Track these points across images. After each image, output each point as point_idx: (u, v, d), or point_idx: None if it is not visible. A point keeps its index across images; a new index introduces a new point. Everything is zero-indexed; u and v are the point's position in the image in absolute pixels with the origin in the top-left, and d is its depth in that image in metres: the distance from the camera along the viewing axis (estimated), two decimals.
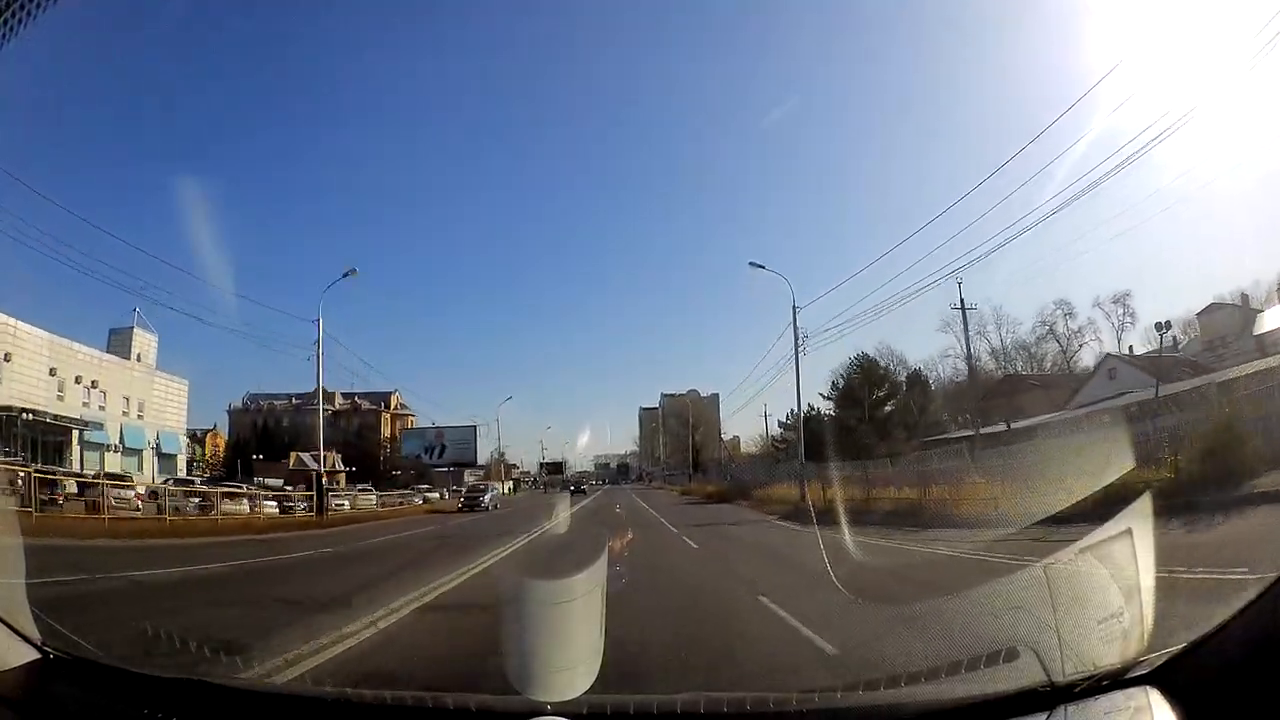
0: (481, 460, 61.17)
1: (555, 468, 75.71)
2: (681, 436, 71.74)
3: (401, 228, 78.19)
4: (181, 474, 40.49)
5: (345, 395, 61.86)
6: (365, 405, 65.44)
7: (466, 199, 79.38)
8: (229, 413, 61.93)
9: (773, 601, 7.06)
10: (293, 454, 50.93)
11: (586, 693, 2.18)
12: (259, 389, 61.61)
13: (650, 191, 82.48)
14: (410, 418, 66.20)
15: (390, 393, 64.84)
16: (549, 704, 2.07)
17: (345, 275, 29.00)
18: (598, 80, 74.83)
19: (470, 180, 79.20)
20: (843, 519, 13.96)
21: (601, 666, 2.34)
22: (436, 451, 56.82)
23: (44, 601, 2.65)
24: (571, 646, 2.44)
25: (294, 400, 60.34)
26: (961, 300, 32.93)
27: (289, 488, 36.65)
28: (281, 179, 69.04)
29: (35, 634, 2.45)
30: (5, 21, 4.18)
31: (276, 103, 66.07)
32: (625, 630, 4.97)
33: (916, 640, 5.05)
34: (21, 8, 4.16)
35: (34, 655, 2.37)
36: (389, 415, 67.41)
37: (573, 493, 47.58)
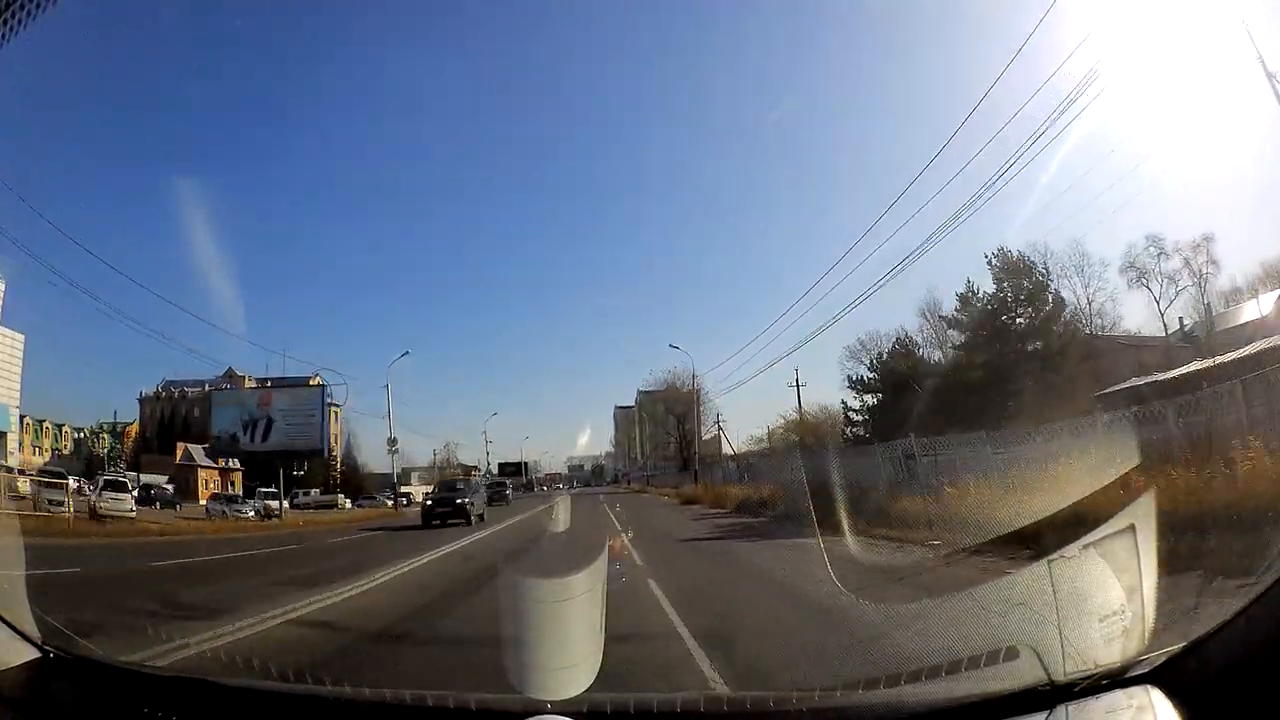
0: (364, 452, 46.52)
1: (514, 469, 63.32)
2: (668, 425, 59.17)
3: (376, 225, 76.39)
4: (12, 458, 31.14)
5: (260, 381, 50.27)
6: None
7: (450, 197, 78.04)
8: (140, 401, 52.25)
9: None
10: (180, 446, 39.65)
11: (586, 691, 2.18)
12: (176, 375, 51.11)
13: (629, 189, 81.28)
14: (333, 408, 51.30)
15: (308, 378, 51.14)
16: (549, 702, 2.07)
17: None
18: (572, 78, 74.11)
19: (452, 178, 78.03)
20: None
21: (601, 665, 2.33)
22: (260, 430, 34.74)
23: None
24: (571, 645, 2.44)
25: (207, 386, 49.53)
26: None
27: (169, 484, 31.57)
28: (271, 179, 68.06)
29: (35, 633, 2.47)
30: (5, 21, 4.17)
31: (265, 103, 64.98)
32: None
33: None
34: (21, 8, 4.16)
35: (34, 654, 2.38)
36: None
37: (439, 514, 22.87)
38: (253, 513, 30.12)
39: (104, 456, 40.90)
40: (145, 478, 33.01)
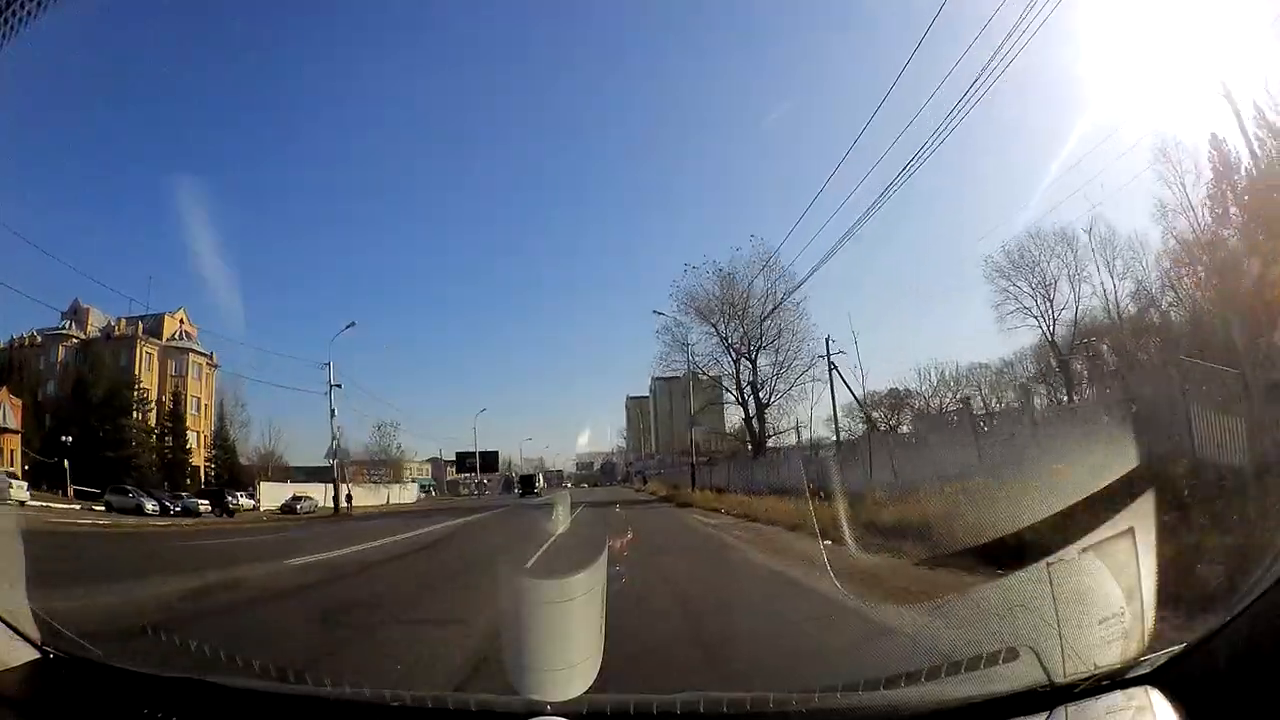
0: None
1: (479, 460, 44.02)
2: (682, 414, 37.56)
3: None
4: None
5: (117, 319, 36.39)
6: (123, 333, 37.05)
7: (452, 193, 77.03)
8: None
9: None
10: None
11: (586, 692, 2.18)
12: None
13: (630, 177, 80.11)
14: (195, 356, 36.80)
15: (163, 315, 36.37)
16: (549, 704, 2.07)
17: None
18: (572, 79, 73.52)
19: (452, 173, 77.07)
20: None
21: (601, 667, 2.33)
22: None
23: None
24: (571, 646, 2.43)
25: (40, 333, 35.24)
26: None
27: None
28: (268, 179, 67.23)
29: (35, 634, 2.46)
30: (5, 21, 4.16)
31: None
32: None
33: None
34: (21, 7, 4.15)
35: (34, 655, 2.38)
36: (157, 349, 36.47)
37: None
38: None
39: None
40: None
